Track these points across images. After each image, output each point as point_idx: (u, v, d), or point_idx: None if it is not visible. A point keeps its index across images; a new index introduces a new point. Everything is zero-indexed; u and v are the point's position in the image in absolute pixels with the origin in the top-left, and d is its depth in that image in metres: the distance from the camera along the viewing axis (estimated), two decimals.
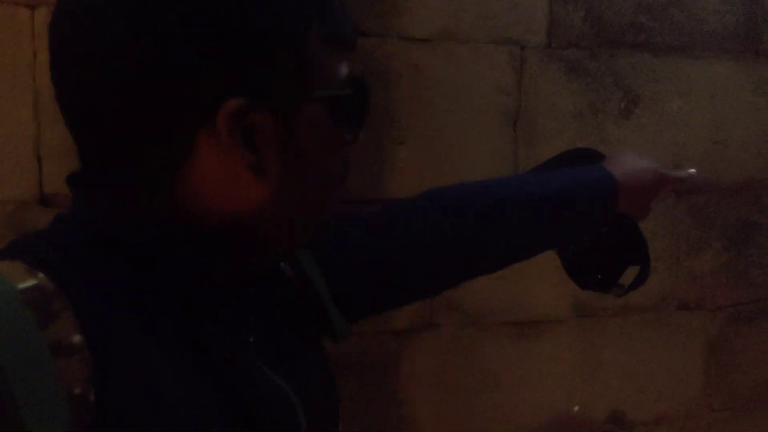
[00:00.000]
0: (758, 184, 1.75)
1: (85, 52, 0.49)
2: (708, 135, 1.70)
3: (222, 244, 0.55)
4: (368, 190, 1.45)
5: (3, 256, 0.49)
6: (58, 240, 0.52)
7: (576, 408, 1.64)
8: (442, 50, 1.48)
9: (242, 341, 0.59)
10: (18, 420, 0.43)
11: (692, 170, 0.99)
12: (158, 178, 0.52)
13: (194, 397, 0.52)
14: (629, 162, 0.92)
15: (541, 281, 1.56)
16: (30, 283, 0.46)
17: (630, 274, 0.96)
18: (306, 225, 0.60)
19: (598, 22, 1.58)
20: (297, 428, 0.60)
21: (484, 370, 1.57)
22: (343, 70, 0.56)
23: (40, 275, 0.47)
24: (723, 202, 1.73)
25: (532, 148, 1.55)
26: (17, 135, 1.23)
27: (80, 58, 0.50)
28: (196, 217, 0.53)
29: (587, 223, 0.91)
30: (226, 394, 0.54)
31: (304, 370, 0.65)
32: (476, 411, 1.58)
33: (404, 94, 1.46)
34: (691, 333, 1.73)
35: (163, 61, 0.48)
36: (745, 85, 1.73)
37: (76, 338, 0.46)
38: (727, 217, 1.74)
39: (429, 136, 1.49)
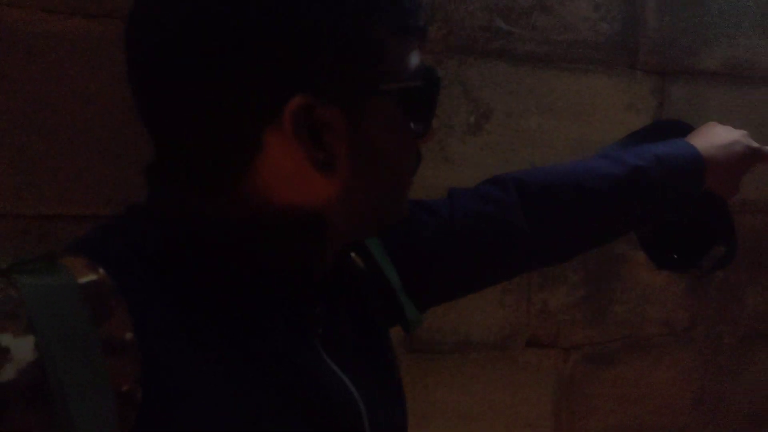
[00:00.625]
0: None
1: (159, 47, 0.51)
2: (572, 156, 1.53)
3: (291, 238, 0.55)
4: None
5: (71, 249, 0.50)
6: (124, 234, 0.53)
7: None
8: None
9: (309, 334, 0.58)
10: (66, 414, 0.43)
11: None
12: (227, 173, 0.53)
13: (251, 396, 0.52)
14: (718, 135, 0.89)
15: None
16: (90, 278, 0.47)
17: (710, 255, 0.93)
18: (378, 219, 0.60)
19: (446, 25, 1.39)
20: (360, 426, 0.59)
21: None
22: (414, 60, 0.55)
23: (101, 271, 0.48)
24: None
25: None
26: None
27: (155, 54, 0.51)
28: (265, 212, 0.54)
29: (672, 204, 0.88)
30: (290, 390, 0.54)
31: (369, 366, 0.64)
32: None
33: None
34: (541, 373, 1.57)
35: (231, 57, 0.49)
36: (618, 101, 1.56)
37: (128, 336, 0.46)
38: None
39: None
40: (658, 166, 0.83)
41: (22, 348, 0.44)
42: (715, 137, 0.88)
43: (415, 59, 0.56)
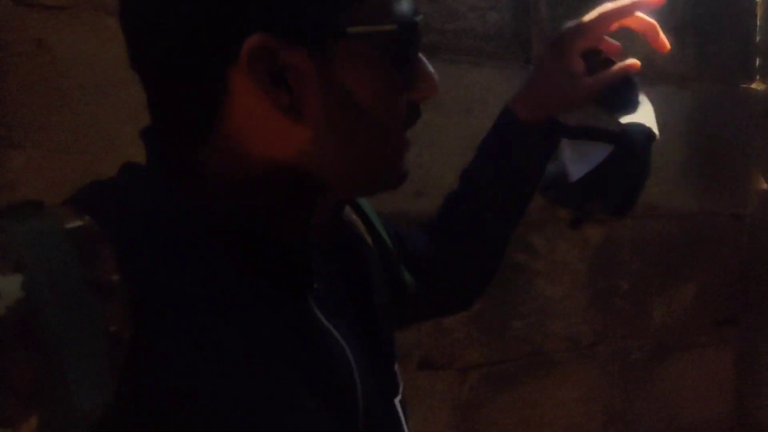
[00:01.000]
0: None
1: (140, 6, 0.53)
2: (462, 155, 1.40)
3: (275, 192, 0.56)
4: None
5: (61, 204, 0.52)
6: (113, 189, 0.55)
7: None
8: (83, 22, 1.10)
9: (303, 290, 0.58)
10: (57, 352, 0.44)
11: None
12: (201, 119, 0.54)
13: (240, 347, 0.51)
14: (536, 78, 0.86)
15: None
16: (76, 223, 0.48)
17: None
18: (368, 176, 0.59)
19: None
20: (351, 382, 0.59)
21: None
22: (396, 3, 0.54)
23: (86, 218, 0.49)
24: None
25: None
26: None
27: (137, 11, 0.54)
28: (246, 164, 0.54)
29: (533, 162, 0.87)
30: (281, 344, 0.55)
31: (362, 321, 0.64)
32: None
33: (23, 81, 1.07)
34: (435, 397, 1.42)
35: (196, 5, 0.50)
36: (510, 96, 1.44)
37: (115, 278, 0.47)
38: None
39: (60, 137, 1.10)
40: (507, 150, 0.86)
41: (10, 286, 0.45)
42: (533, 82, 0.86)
43: (399, 2, 0.54)
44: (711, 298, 1.78)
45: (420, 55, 0.58)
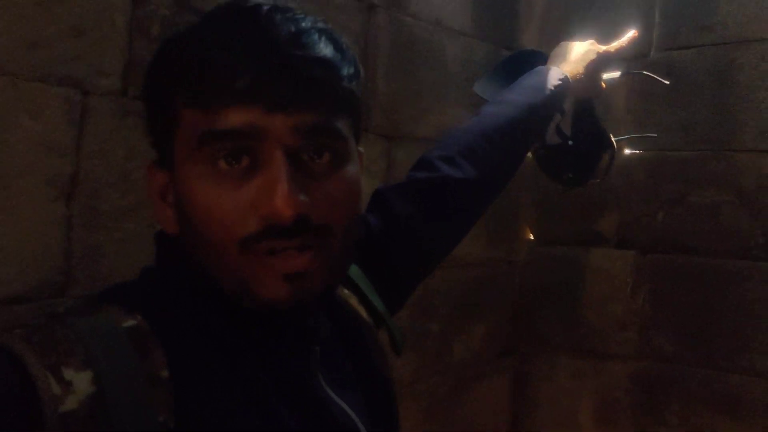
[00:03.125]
0: None
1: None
2: None
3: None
4: None
5: (101, 301, 0.56)
6: (144, 287, 0.60)
7: None
8: None
9: (311, 366, 0.62)
10: None
11: (631, 32, 1.19)
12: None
13: (268, 423, 0.56)
14: (572, 50, 1.12)
15: None
16: (130, 323, 0.53)
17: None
18: (225, 285, 0.58)
19: None
20: None
21: None
22: (212, 122, 0.55)
23: (138, 317, 0.54)
24: None
25: (92, 232, 1.11)
26: None
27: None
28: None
29: (551, 116, 1.09)
30: (298, 416, 0.58)
31: (366, 394, 0.67)
32: None
33: None
34: None
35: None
36: None
37: (164, 374, 0.52)
38: None
39: None
40: (539, 94, 1.02)
41: (82, 381, 0.48)
42: (571, 53, 1.11)
43: (204, 117, 0.55)
44: (496, 332, 2.08)
45: (274, 168, 0.54)
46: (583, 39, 1.15)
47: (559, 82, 1.04)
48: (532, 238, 2.14)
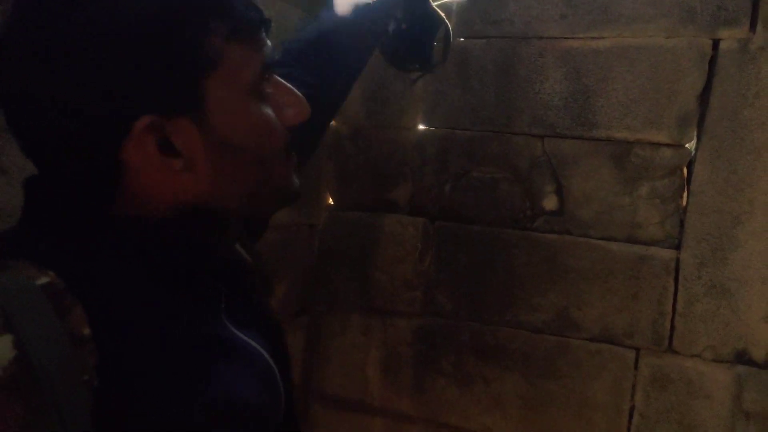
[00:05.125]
0: None
1: (23, 90, 0.56)
2: None
3: (185, 229, 0.62)
4: None
5: (5, 254, 0.54)
6: (45, 240, 0.57)
7: None
8: None
9: (218, 312, 0.66)
10: (47, 403, 0.47)
11: None
12: (101, 192, 0.59)
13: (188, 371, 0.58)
14: None
15: None
16: (44, 280, 0.52)
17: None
18: (259, 199, 0.65)
19: None
20: (277, 382, 0.69)
21: None
22: (246, 49, 0.61)
23: (51, 273, 0.52)
24: None
25: None
26: None
27: (22, 94, 0.56)
28: (152, 210, 0.61)
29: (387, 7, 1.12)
30: (218, 361, 0.61)
31: (268, 331, 0.73)
32: None
33: None
34: None
35: (80, 94, 0.55)
36: None
37: (86, 331, 0.52)
38: None
39: None
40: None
41: (2, 346, 0.47)
42: None
43: (248, 50, 0.61)
44: (294, 292, 2.16)
45: (280, 81, 0.66)
46: None
47: None
48: (332, 203, 2.25)
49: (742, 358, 1.78)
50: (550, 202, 2.00)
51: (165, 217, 0.61)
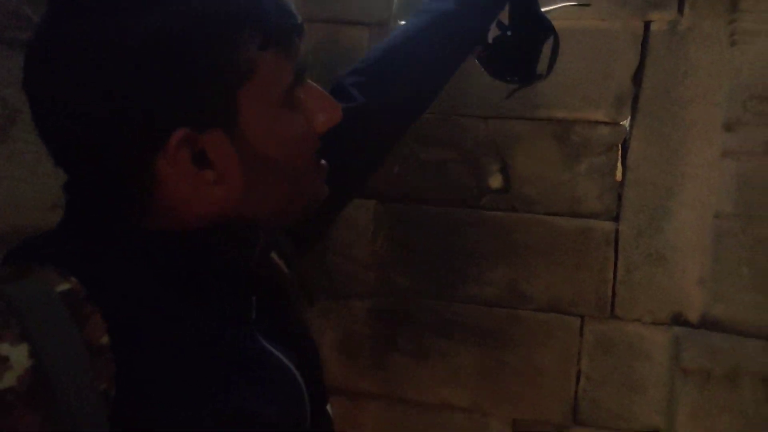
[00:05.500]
0: None
1: (58, 100, 0.56)
2: None
3: (211, 239, 0.61)
4: None
5: (27, 260, 0.54)
6: (74, 247, 0.57)
7: None
8: None
9: (248, 324, 0.65)
10: (61, 412, 0.46)
11: None
12: (134, 204, 0.60)
13: (210, 389, 0.57)
14: None
15: None
16: (65, 287, 0.52)
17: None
18: (291, 206, 0.65)
19: None
20: (301, 395, 0.67)
21: None
22: (280, 60, 0.60)
23: (73, 280, 0.52)
24: None
25: None
26: None
27: (55, 103, 0.56)
28: (182, 223, 0.61)
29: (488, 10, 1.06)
30: (239, 373, 0.60)
31: (300, 345, 0.71)
32: None
33: None
34: None
35: (115, 110, 0.55)
36: None
37: (104, 340, 0.51)
38: None
39: None
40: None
41: (19, 355, 0.47)
42: None
43: (281, 58, 0.61)
44: None
45: (312, 85, 0.66)
46: None
47: None
48: None
49: (678, 320, 1.92)
50: (495, 181, 2.08)
51: (194, 229, 0.61)
